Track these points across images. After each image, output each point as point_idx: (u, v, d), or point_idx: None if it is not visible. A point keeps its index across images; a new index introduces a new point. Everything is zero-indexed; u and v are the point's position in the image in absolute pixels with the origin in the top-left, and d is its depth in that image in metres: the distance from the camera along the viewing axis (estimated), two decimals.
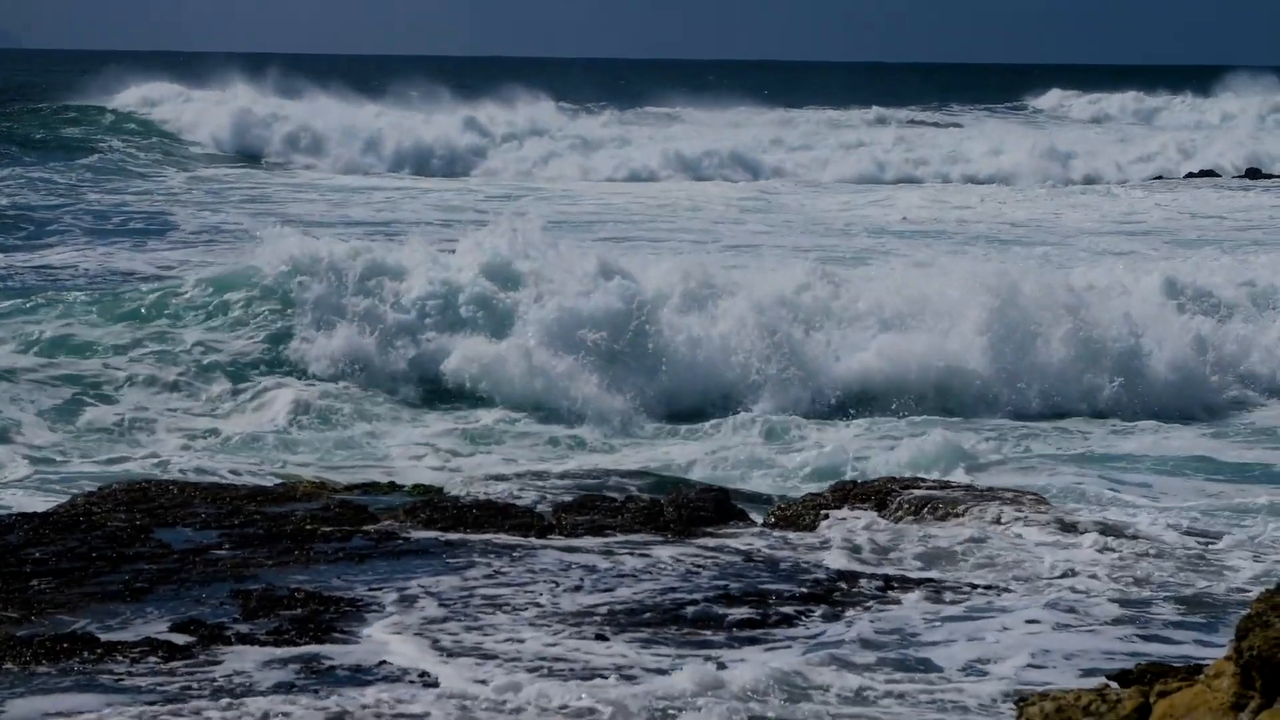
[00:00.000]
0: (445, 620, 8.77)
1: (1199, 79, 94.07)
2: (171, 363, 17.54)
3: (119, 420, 16.01)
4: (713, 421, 16.59)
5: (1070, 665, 8.24)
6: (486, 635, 8.53)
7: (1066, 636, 8.68)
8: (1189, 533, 11.17)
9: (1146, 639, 8.68)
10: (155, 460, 14.42)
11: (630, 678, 7.85)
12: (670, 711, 7.36)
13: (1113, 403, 17.45)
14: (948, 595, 9.41)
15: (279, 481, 13.01)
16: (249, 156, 50.09)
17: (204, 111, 53.65)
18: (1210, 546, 10.69)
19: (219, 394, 16.98)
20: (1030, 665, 8.23)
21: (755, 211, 38.45)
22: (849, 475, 13.54)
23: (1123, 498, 13.21)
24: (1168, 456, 15.20)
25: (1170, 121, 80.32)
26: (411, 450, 15.50)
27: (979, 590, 9.51)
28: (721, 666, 8.00)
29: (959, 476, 13.68)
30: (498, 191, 42.87)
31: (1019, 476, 14.08)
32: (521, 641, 8.43)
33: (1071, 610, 9.08)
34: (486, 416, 16.65)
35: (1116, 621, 8.91)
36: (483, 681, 7.71)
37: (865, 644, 8.50)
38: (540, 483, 12.98)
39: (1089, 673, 7.96)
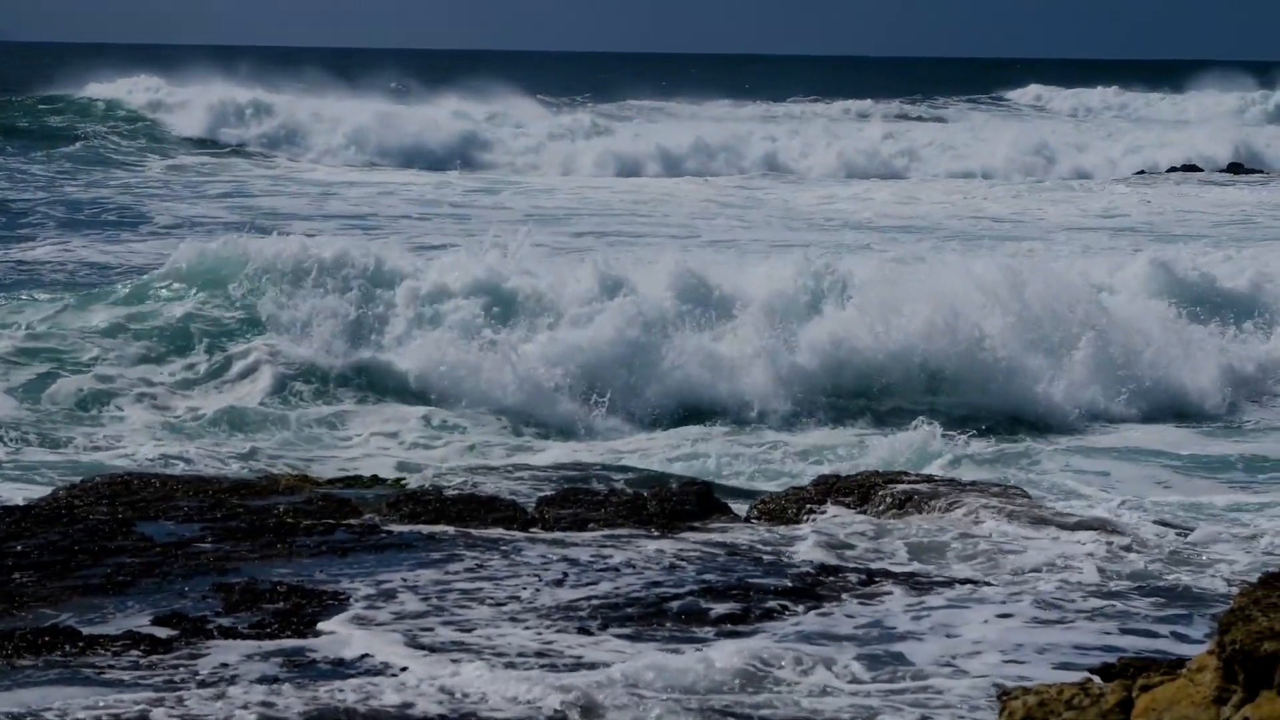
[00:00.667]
0: (427, 614, 8.76)
1: (1173, 74, 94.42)
2: (144, 348, 17.51)
3: (84, 399, 16.04)
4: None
5: (1051, 659, 8.25)
6: (468, 630, 8.52)
7: (1047, 630, 8.69)
8: (1169, 526, 11.22)
9: (1127, 633, 8.70)
10: (123, 450, 14.45)
11: None
12: (642, 702, 7.35)
13: (1104, 398, 17.46)
14: (930, 589, 9.42)
15: (261, 474, 12.99)
16: (230, 148, 49.99)
17: (186, 103, 53.52)
18: (1190, 540, 10.73)
19: (190, 377, 17.02)
20: (1011, 659, 8.24)
21: (736, 206, 38.41)
22: (832, 469, 13.54)
23: (1104, 493, 13.25)
24: (1151, 451, 15.25)
25: (1150, 115, 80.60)
26: (379, 441, 15.57)
27: (961, 584, 9.53)
28: (699, 652, 8.02)
29: (941, 470, 13.70)
30: (477, 185, 42.76)
31: (1004, 471, 14.11)
32: (504, 636, 8.42)
33: (1052, 604, 9.10)
34: (456, 414, 16.61)
35: (1097, 615, 8.93)
36: (463, 675, 7.70)
37: (846, 638, 8.51)
38: (521, 475, 12.97)
39: (1070, 666, 7.97)
